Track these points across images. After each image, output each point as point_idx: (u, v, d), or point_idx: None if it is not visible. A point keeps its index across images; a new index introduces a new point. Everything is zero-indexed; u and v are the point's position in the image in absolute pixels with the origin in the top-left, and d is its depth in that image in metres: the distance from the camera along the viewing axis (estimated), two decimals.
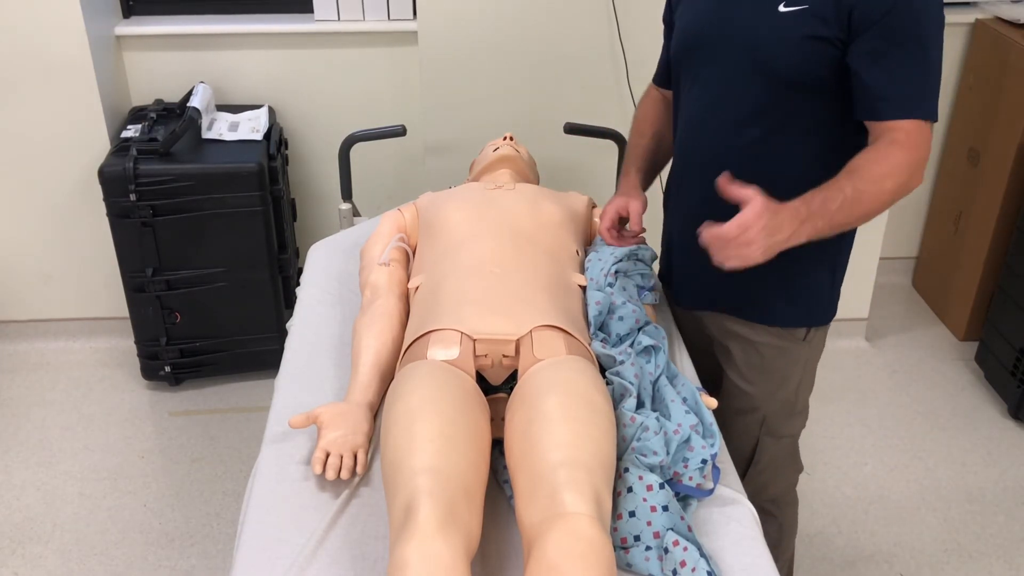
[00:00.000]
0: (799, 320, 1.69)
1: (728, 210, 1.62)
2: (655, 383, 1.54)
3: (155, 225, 2.67)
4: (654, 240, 1.93)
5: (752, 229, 1.32)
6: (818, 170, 1.52)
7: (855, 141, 1.52)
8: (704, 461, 1.42)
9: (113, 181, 2.61)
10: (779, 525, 1.92)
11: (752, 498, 1.83)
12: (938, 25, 1.42)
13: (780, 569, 1.97)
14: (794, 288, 1.65)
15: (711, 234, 1.35)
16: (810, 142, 1.53)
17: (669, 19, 1.76)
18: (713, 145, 1.60)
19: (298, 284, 2.05)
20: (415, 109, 2.98)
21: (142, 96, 2.97)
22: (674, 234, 1.80)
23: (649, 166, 1.87)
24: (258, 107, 2.91)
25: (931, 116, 1.43)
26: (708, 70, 1.58)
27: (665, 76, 1.83)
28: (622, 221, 1.84)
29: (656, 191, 1.96)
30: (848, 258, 1.71)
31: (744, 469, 1.84)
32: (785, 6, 1.45)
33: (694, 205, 1.69)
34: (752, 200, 1.33)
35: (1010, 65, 2.90)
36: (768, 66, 1.48)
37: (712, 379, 1.84)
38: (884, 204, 1.44)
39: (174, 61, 2.92)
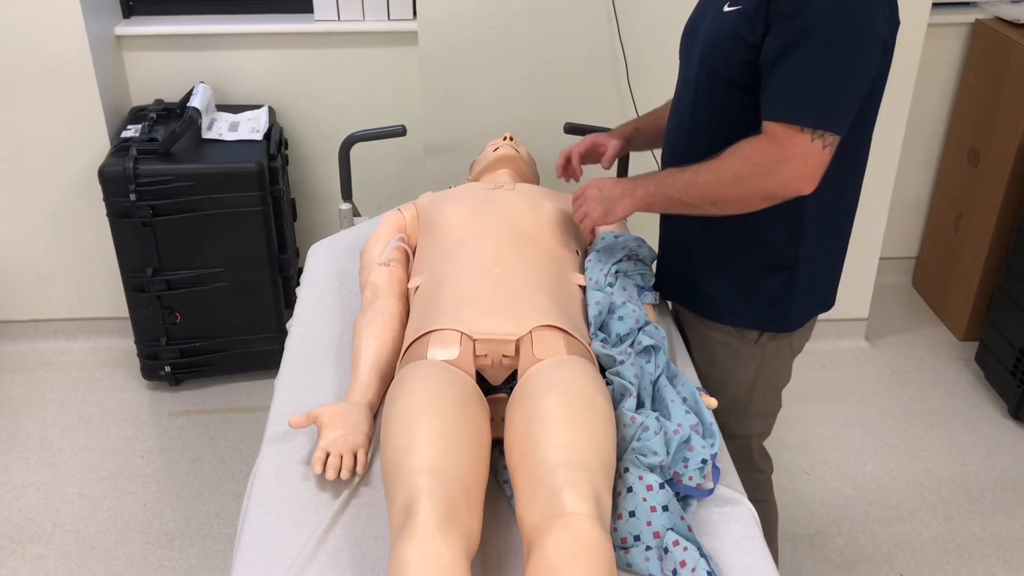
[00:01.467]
0: (749, 322, 1.70)
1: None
2: (655, 383, 1.54)
3: (155, 225, 2.67)
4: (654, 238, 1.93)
5: (586, 188, 1.68)
6: None
7: None
8: (704, 461, 1.42)
9: (113, 181, 2.61)
10: None
11: None
12: (854, 40, 1.38)
13: None
14: (745, 290, 1.66)
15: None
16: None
17: None
18: (679, 139, 1.67)
19: (298, 284, 2.05)
20: (415, 109, 2.98)
21: (142, 96, 2.97)
22: (661, 226, 1.86)
23: (651, 135, 1.92)
24: (258, 107, 2.91)
25: (809, 123, 1.39)
26: (683, 73, 1.67)
27: None
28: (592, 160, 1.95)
29: None
30: (817, 272, 1.67)
31: None
32: (728, 6, 1.49)
33: None
34: None
35: (1010, 65, 2.90)
36: (711, 65, 1.53)
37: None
38: (730, 192, 1.46)
39: (174, 61, 2.92)
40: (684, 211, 1.54)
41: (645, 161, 2.74)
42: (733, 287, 1.67)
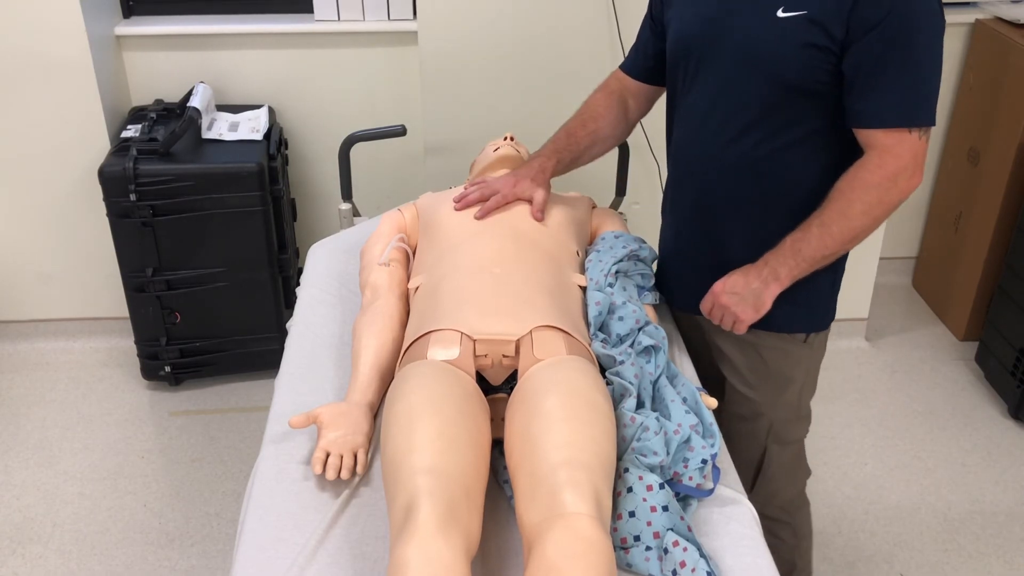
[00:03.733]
0: (800, 325, 1.68)
1: (722, 215, 1.63)
2: (655, 383, 1.54)
3: (155, 225, 2.67)
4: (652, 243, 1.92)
5: (719, 296, 1.58)
6: (821, 175, 1.52)
7: (856, 147, 1.50)
8: (704, 461, 1.42)
9: (113, 181, 2.61)
10: (793, 530, 1.90)
11: (763, 506, 1.81)
12: (935, 31, 1.41)
13: (800, 572, 1.96)
14: (794, 293, 1.62)
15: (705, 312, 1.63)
16: (811, 147, 1.52)
17: (659, 13, 1.72)
18: (711, 150, 1.60)
19: (298, 284, 2.05)
20: (415, 109, 2.98)
21: (142, 96, 2.97)
22: (672, 238, 1.80)
23: (571, 160, 1.84)
24: (258, 107, 2.91)
25: (917, 123, 1.42)
26: (706, 74, 1.57)
27: (637, 65, 1.81)
28: None
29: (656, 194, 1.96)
30: (846, 262, 1.70)
31: (752, 478, 1.82)
32: (784, 11, 1.43)
33: (690, 209, 1.70)
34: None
35: (1010, 65, 2.90)
36: (768, 71, 1.47)
37: (712, 382, 1.83)
38: (862, 225, 1.46)
39: (174, 61, 2.92)
40: (825, 263, 1.52)
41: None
42: (785, 293, 1.61)
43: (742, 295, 1.55)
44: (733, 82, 1.52)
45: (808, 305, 1.67)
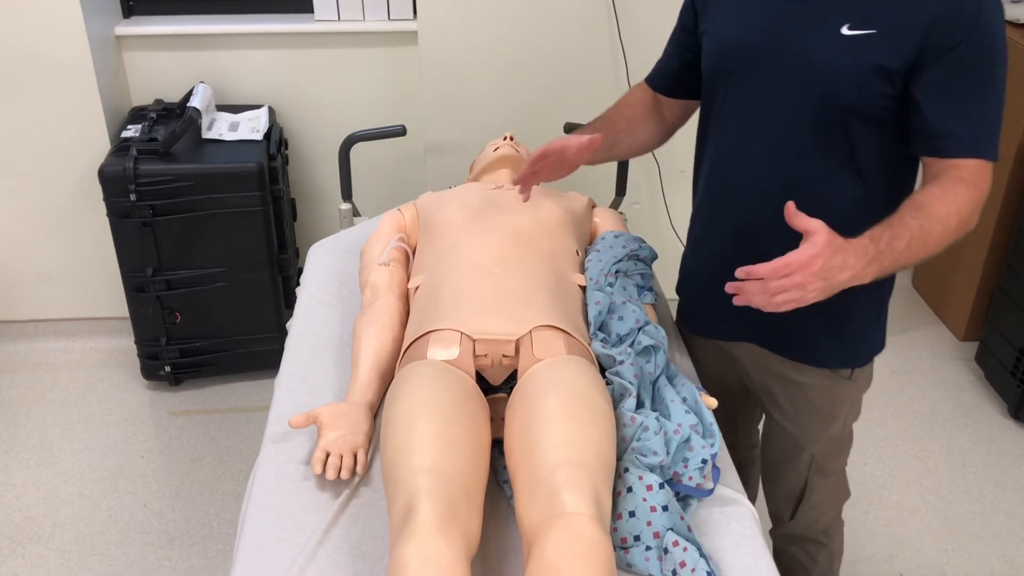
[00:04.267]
0: (846, 361, 1.60)
1: (764, 240, 1.49)
2: (655, 383, 1.54)
3: (155, 225, 2.67)
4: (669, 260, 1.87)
5: (808, 269, 1.18)
6: (870, 201, 1.43)
7: (908, 175, 1.45)
8: (704, 461, 1.42)
9: (113, 181, 2.61)
10: (829, 552, 1.86)
11: (805, 530, 1.80)
12: (1005, 58, 1.33)
13: None
14: (842, 328, 1.54)
15: (751, 272, 1.20)
16: (863, 171, 1.42)
17: (691, 23, 1.59)
18: (756, 172, 1.48)
19: (298, 284, 2.05)
20: (415, 109, 2.98)
21: (142, 96, 2.97)
22: (700, 264, 1.67)
23: (607, 138, 1.67)
24: (258, 107, 2.91)
25: (996, 156, 1.34)
26: (753, 90, 1.44)
27: (662, 82, 1.71)
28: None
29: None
30: (892, 287, 1.60)
31: (793, 509, 1.78)
32: (849, 28, 1.32)
33: (729, 235, 1.57)
34: (815, 235, 1.18)
35: (1010, 65, 2.89)
36: (825, 92, 1.35)
37: (750, 413, 1.79)
38: (945, 244, 1.32)
39: (174, 61, 2.92)
40: (894, 272, 1.35)
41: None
42: (829, 326, 1.53)
43: (830, 283, 1.21)
44: (784, 101, 1.40)
45: (855, 342, 1.58)
